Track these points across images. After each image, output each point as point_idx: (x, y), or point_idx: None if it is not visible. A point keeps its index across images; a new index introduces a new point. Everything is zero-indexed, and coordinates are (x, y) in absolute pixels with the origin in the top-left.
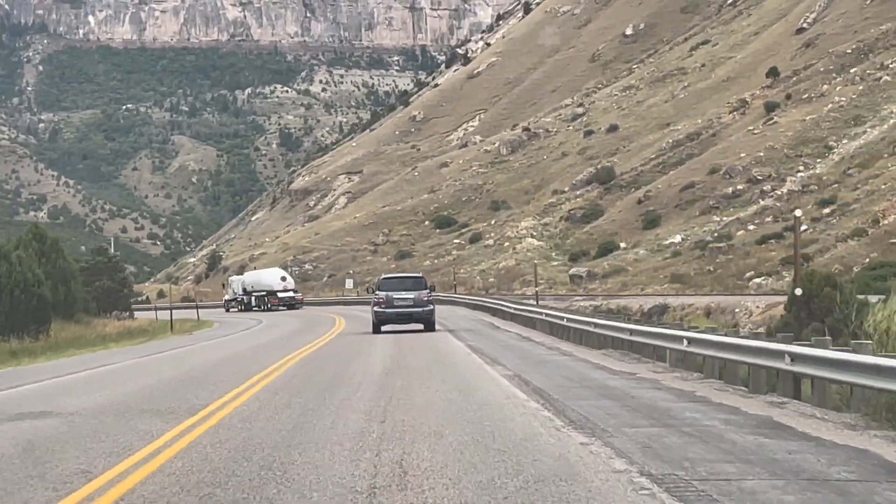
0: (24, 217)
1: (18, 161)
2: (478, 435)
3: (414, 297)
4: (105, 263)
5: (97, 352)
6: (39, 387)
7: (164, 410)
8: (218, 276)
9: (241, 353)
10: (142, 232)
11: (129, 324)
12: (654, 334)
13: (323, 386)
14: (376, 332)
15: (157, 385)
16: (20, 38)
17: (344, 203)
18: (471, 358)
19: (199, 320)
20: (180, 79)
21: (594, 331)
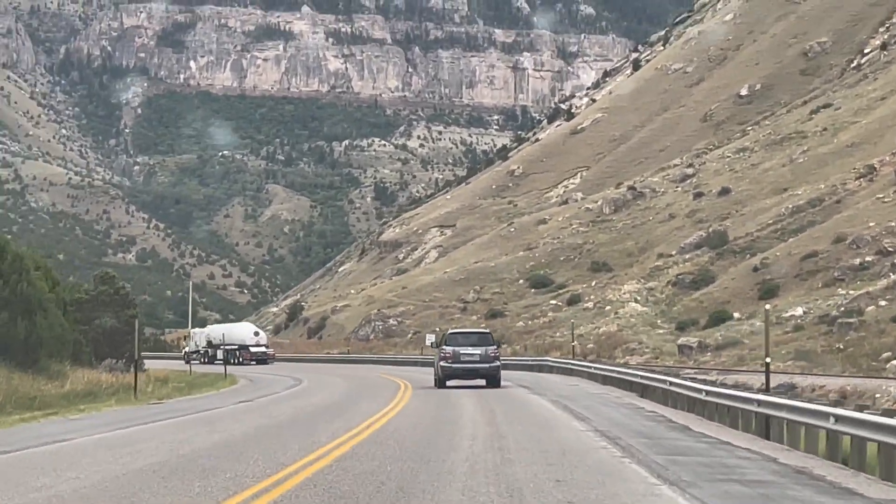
0: (111, 258)
1: (111, 202)
2: None
3: (481, 352)
4: (110, 296)
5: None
6: None
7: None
8: (297, 328)
9: (291, 419)
10: (229, 279)
11: (104, 378)
12: (793, 408)
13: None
14: (440, 386)
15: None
16: (120, 81)
17: (434, 257)
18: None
19: (226, 376)
20: (278, 128)
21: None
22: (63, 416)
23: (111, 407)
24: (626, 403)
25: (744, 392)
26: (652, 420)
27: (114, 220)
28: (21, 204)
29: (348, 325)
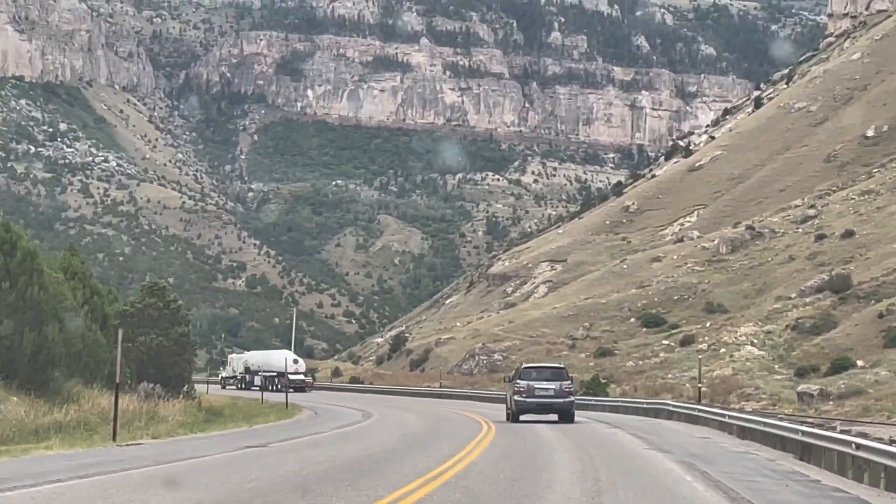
0: (221, 284)
1: (223, 227)
2: None
3: (555, 387)
4: (159, 310)
5: None
6: None
7: None
8: (400, 359)
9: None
10: (338, 309)
11: (125, 405)
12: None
13: None
14: (514, 420)
15: None
16: (238, 107)
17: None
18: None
19: (287, 406)
20: (392, 159)
21: None
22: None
23: (72, 447)
24: (789, 471)
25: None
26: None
27: (225, 246)
28: (135, 226)
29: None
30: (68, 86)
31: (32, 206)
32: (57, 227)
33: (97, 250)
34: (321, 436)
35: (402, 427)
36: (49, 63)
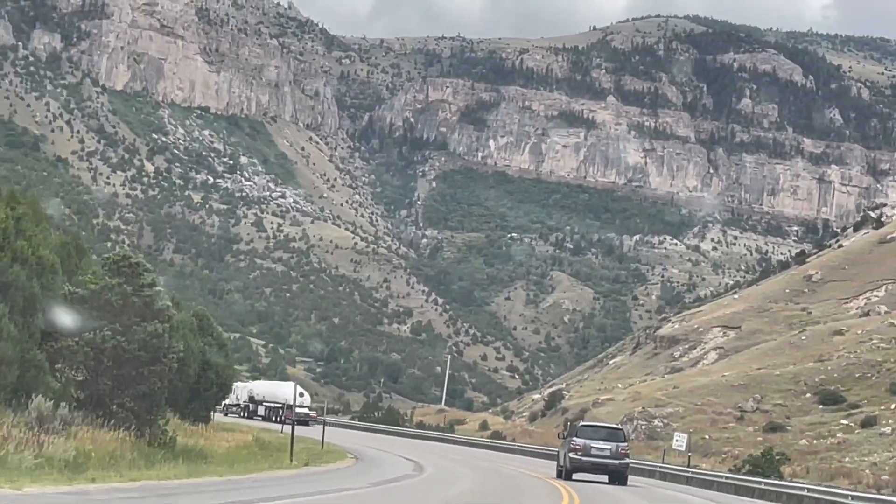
0: (385, 328)
1: (392, 272)
2: None
3: (611, 448)
4: (124, 297)
5: None
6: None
7: None
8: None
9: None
10: (502, 363)
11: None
12: None
13: None
14: (566, 478)
15: None
16: (419, 153)
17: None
18: None
19: (323, 447)
20: (570, 215)
21: None
22: None
23: None
24: None
25: None
26: None
27: (393, 290)
28: (304, 263)
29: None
30: (252, 119)
31: (205, 235)
32: (227, 259)
33: (265, 285)
34: (422, 477)
35: (460, 482)
36: (235, 96)
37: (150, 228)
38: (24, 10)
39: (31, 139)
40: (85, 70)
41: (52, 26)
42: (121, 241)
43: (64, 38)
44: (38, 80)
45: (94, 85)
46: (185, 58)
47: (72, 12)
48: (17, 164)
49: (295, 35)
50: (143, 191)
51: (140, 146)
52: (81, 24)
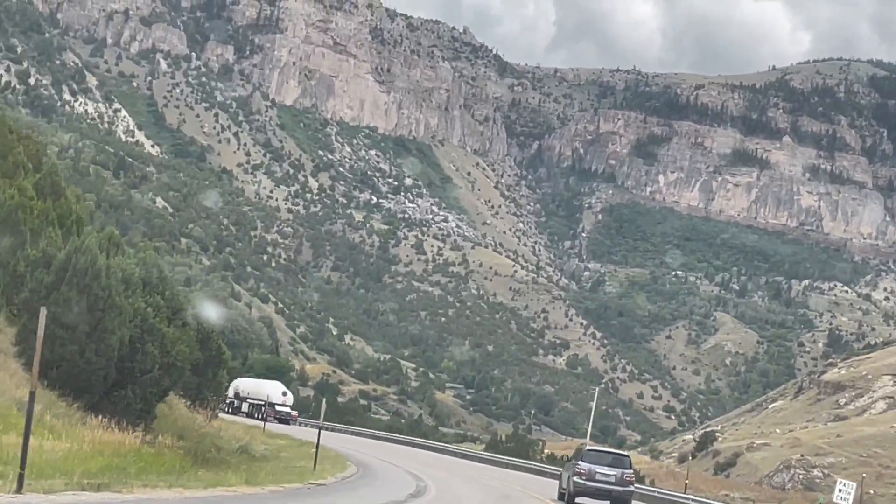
0: (541, 359)
1: (551, 303)
2: None
3: (616, 474)
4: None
5: None
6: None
7: None
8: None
9: None
10: (658, 402)
11: None
12: None
13: None
14: (568, 502)
15: None
16: (586, 184)
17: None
18: None
19: (316, 457)
20: (737, 256)
21: None
22: None
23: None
24: None
25: None
26: None
27: (551, 322)
28: (462, 289)
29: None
30: (420, 142)
31: (364, 255)
32: (385, 280)
33: (421, 308)
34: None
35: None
36: (404, 117)
37: (310, 244)
38: (199, 21)
39: (198, 149)
40: (255, 83)
41: (225, 38)
42: (277, 255)
43: (237, 50)
44: (208, 92)
45: (264, 99)
46: (356, 76)
47: (246, 25)
48: (180, 172)
49: (468, 60)
50: (305, 206)
51: (306, 162)
52: (255, 37)
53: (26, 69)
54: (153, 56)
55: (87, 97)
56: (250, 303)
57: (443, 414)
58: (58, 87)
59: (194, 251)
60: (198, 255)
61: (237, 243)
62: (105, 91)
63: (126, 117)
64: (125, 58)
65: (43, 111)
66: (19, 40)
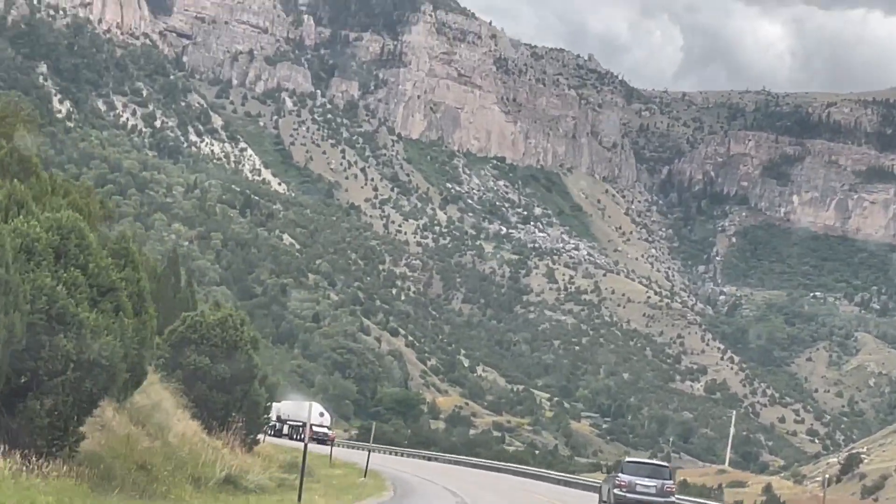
0: (678, 385)
1: (686, 328)
2: None
3: (657, 485)
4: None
5: None
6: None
7: None
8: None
9: None
10: (801, 425)
11: None
12: None
13: None
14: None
15: None
16: (719, 207)
17: None
18: None
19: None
20: (877, 274)
21: None
22: None
23: None
24: None
25: None
26: None
27: (687, 347)
28: (595, 316)
29: None
30: (548, 171)
31: (495, 286)
32: (516, 310)
33: (553, 337)
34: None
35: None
36: (531, 146)
37: (440, 277)
38: (323, 58)
39: (326, 185)
40: (381, 118)
41: (349, 75)
42: (406, 288)
43: (361, 86)
44: (334, 128)
45: (390, 133)
46: (482, 107)
47: (370, 61)
48: (307, 208)
49: (594, 87)
50: (434, 239)
51: (433, 195)
52: (379, 72)
53: (152, 112)
54: (278, 95)
55: (212, 137)
56: (379, 337)
57: (578, 444)
58: (183, 128)
59: (322, 286)
60: (326, 291)
61: (365, 277)
62: (231, 131)
63: (252, 156)
64: (250, 97)
65: (169, 153)
66: (144, 84)
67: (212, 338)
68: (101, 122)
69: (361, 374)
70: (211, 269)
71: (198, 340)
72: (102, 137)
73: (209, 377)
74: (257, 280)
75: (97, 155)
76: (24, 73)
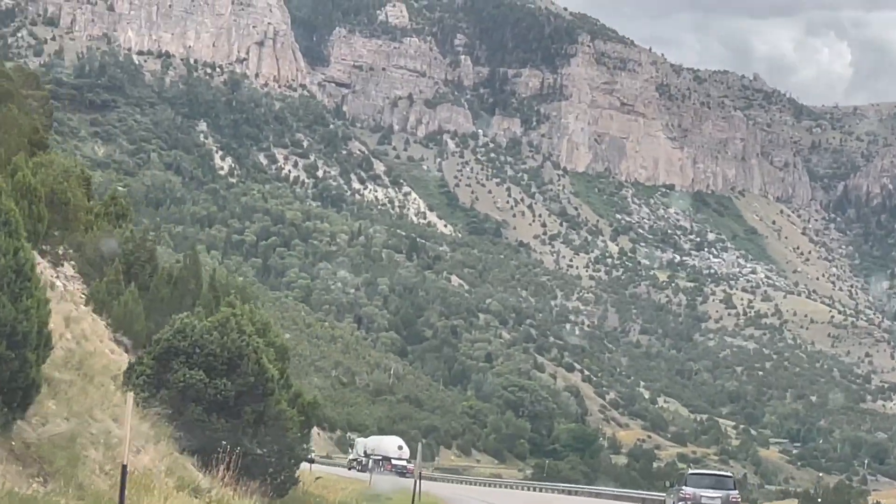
0: (869, 405)
1: (874, 346)
2: None
3: (722, 496)
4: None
5: None
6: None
7: None
8: None
9: None
10: None
11: None
12: None
13: None
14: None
15: None
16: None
17: None
18: None
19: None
20: None
21: None
22: None
23: None
24: None
25: None
26: None
27: (876, 365)
28: (777, 340)
29: None
30: (719, 195)
31: (671, 315)
32: (695, 338)
33: (735, 363)
34: None
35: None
36: (700, 171)
37: (615, 309)
38: (482, 97)
39: (493, 225)
40: (545, 153)
41: (510, 112)
42: (580, 322)
43: (523, 122)
44: (498, 167)
45: (555, 168)
46: (648, 135)
47: (530, 96)
48: (474, 248)
49: (761, 107)
50: (606, 272)
51: (603, 227)
52: (540, 107)
53: (313, 162)
54: (440, 137)
55: (375, 184)
56: (555, 373)
57: (768, 471)
58: (346, 176)
59: (493, 326)
60: (497, 330)
61: (537, 314)
62: (394, 176)
63: (416, 200)
64: (412, 142)
65: (332, 202)
66: (304, 135)
67: (206, 345)
68: (263, 176)
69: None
70: (379, 315)
71: (188, 350)
72: (265, 190)
73: (205, 397)
74: (427, 323)
75: (259, 208)
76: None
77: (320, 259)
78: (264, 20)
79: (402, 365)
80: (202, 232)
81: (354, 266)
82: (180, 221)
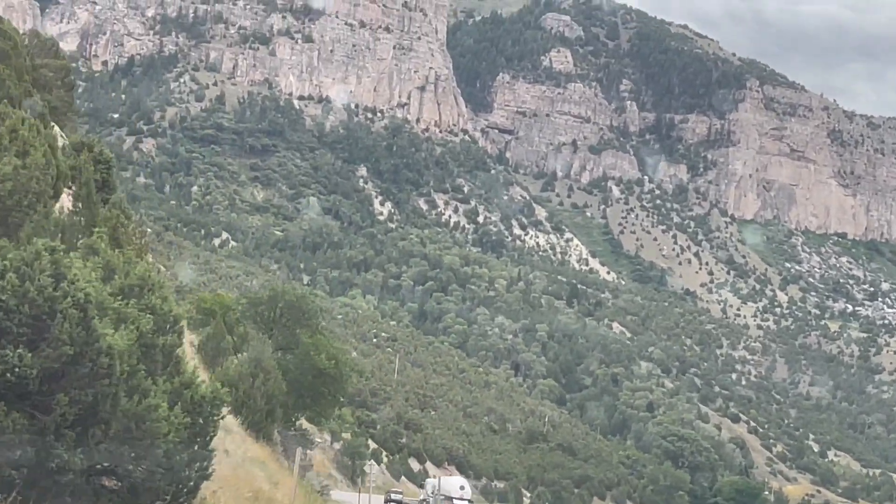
0: None
1: None
2: None
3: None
4: None
5: None
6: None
7: None
8: None
9: None
10: None
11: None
12: None
13: None
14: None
15: None
16: None
17: None
18: None
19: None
20: None
21: None
22: None
23: None
24: None
25: None
26: None
27: None
28: None
29: None
30: (893, 244)
31: (844, 366)
32: (868, 390)
33: None
34: None
35: None
36: (874, 219)
37: (784, 360)
38: (648, 143)
39: (658, 273)
40: (712, 200)
41: (677, 158)
42: (747, 372)
43: (690, 168)
44: (664, 214)
45: (723, 215)
46: (818, 182)
47: (697, 142)
48: (637, 295)
49: None
50: (775, 321)
51: (772, 275)
52: (707, 153)
53: (474, 208)
54: (604, 184)
55: (536, 230)
56: (719, 424)
57: None
58: (507, 222)
59: (655, 374)
60: (659, 378)
61: (702, 363)
62: (556, 222)
63: (579, 246)
64: (576, 188)
65: (492, 247)
66: (465, 180)
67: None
68: (423, 221)
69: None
70: (537, 362)
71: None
72: (423, 235)
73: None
74: (586, 371)
75: (417, 252)
76: (345, 177)
77: (478, 304)
78: (426, 65)
79: (560, 413)
80: (358, 276)
81: (513, 312)
82: (337, 266)
